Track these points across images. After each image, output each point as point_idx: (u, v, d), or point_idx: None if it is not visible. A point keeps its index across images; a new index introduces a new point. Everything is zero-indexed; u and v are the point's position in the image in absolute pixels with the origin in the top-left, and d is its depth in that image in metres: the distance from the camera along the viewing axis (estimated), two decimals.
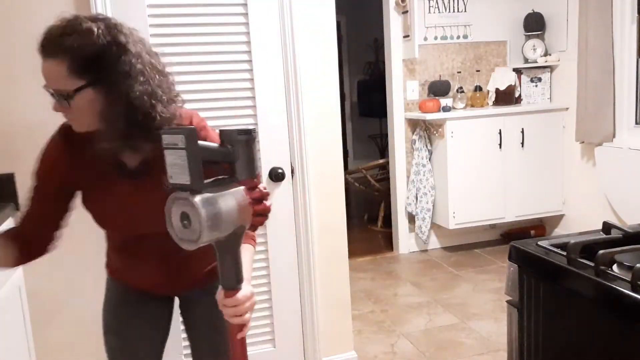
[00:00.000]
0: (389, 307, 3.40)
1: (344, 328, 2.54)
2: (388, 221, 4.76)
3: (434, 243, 4.47)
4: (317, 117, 2.36)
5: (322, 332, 2.48)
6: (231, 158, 1.04)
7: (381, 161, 5.17)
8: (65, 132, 1.26)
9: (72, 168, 1.27)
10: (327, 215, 2.43)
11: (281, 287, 2.39)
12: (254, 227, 1.08)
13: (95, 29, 1.10)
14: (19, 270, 2.04)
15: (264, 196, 1.07)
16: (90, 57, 1.09)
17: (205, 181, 0.99)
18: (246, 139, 1.03)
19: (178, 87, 2.11)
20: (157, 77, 1.17)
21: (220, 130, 1.06)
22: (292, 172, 2.34)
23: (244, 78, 2.23)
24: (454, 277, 3.82)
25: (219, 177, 1.05)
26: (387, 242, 4.65)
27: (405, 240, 4.43)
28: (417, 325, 3.12)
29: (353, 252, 3.75)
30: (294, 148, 2.32)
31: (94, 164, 1.24)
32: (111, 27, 1.13)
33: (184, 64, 2.16)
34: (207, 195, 0.97)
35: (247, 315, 1.10)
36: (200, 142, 0.97)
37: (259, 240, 2.33)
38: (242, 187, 1.04)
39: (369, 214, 5.52)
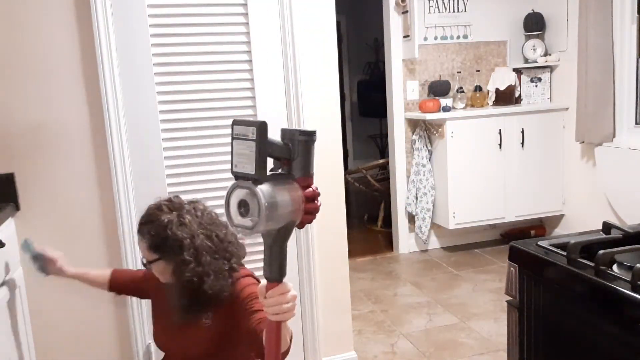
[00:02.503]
0: (389, 307, 3.40)
1: (344, 328, 2.54)
2: (388, 221, 4.76)
3: (434, 243, 4.47)
4: (317, 117, 2.36)
5: (322, 332, 2.48)
6: (290, 156, 1.08)
7: (381, 161, 5.17)
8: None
9: (154, 290, 1.74)
10: (327, 215, 2.43)
11: None
12: (302, 225, 1.11)
13: (167, 221, 1.50)
14: (19, 270, 2.04)
15: (316, 196, 1.11)
16: (159, 242, 1.51)
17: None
18: (306, 139, 1.07)
19: (178, 87, 2.15)
20: (209, 257, 1.52)
21: (282, 129, 1.10)
22: None
23: (244, 78, 2.23)
24: (454, 277, 3.82)
25: (276, 172, 1.09)
26: (387, 242, 4.65)
27: (405, 240, 4.43)
28: (417, 325, 3.12)
29: (353, 252, 3.76)
30: None
31: (164, 297, 1.67)
32: (181, 220, 1.52)
33: (184, 63, 2.16)
34: (267, 187, 1.01)
35: (286, 306, 1.12)
36: (269, 137, 1.02)
37: (259, 240, 2.34)
38: (297, 185, 1.07)
39: (369, 214, 5.52)
